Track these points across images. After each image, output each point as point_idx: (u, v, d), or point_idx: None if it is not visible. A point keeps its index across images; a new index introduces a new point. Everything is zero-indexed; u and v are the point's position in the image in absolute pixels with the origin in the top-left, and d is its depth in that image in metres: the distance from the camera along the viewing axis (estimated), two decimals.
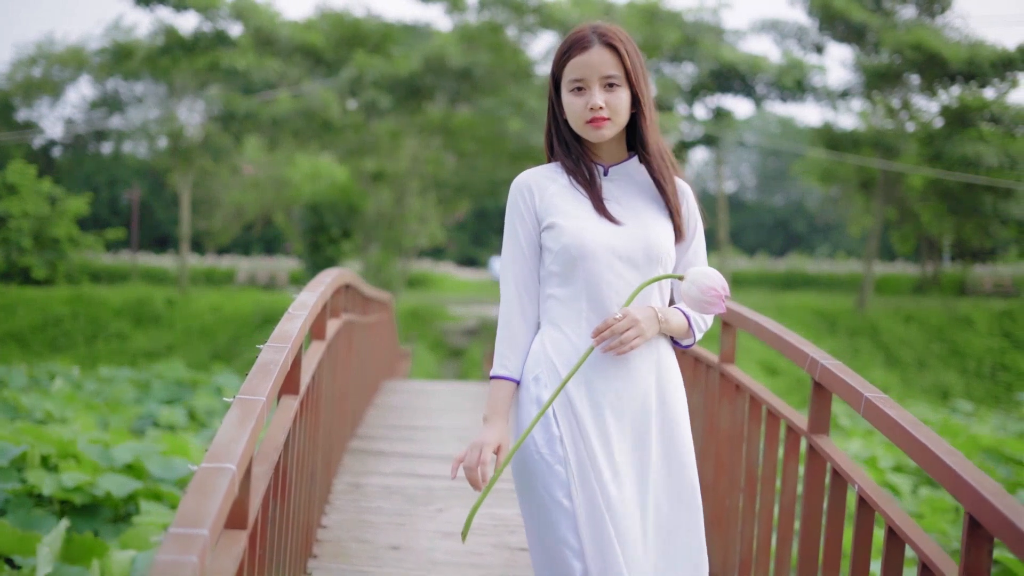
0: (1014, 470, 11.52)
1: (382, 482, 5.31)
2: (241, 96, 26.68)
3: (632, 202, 2.50)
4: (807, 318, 27.61)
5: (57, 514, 7.56)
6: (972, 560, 2.24)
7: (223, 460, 1.93)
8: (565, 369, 2.43)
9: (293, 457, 3.11)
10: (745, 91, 27.37)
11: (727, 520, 3.90)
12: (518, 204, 2.52)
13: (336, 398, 4.99)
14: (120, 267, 34.67)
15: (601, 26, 2.49)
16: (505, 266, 2.53)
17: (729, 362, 3.99)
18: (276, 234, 42.20)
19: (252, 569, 2.35)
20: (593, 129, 2.43)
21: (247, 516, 2.22)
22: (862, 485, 2.80)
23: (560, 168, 2.54)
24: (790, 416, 3.33)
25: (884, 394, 2.73)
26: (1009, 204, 26.37)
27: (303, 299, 3.35)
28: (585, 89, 2.43)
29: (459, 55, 24.31)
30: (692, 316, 2.54)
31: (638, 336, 2.39)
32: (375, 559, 4.06)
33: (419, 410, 8.45)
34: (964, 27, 27.95)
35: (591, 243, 2.43)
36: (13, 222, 29.99)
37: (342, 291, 5.03)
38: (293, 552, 3.40)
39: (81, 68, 33.99)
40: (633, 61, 2.46)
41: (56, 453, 8.21)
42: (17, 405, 12.99)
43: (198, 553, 1.61)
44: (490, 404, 2.47)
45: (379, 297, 9.44)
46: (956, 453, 2.37)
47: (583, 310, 2.45)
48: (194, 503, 1.76)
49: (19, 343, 25.90)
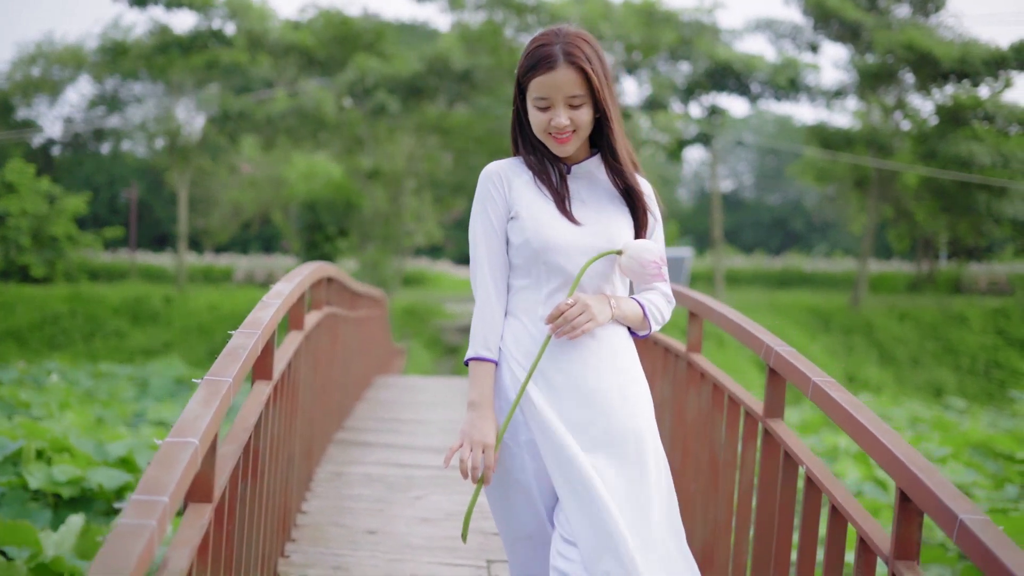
0: (1003, 465, 11.61)
1: (364, 471, 5.43)
2: (236, 96, 26.78)
3: (594, 200, 2.55)
4: (801, 316, 27.71)
5: (51, 507, 7.67)
6: (903, 533, 2.36)
7: (186, 435, 2.04)
8: (525, 358, 2.49)
9: (266, 440, 3.22)
10: (740, 90, 27.47)
11: (692, 504, 4.02)
12: (490, 191, 2.56)
13: (318, 389, 5.10)
14: (118, 265, 34.75)
15: (568, 38, 2.47)
16: (477, 249, 2.56)
17: (696, 351, 4.11)
18: (274, 232, 42.28)
19: (219, 543, 2.47)
20: (557, 144, 2.48)
21: (212, 490, 2.33)
22: (810, 466, 2.92)
23: (520, 161, 2.60)
24: (748, 402, 3.45)
25: (831, 378, 2.85)
26: (1003, 203, 26.45)
27: (278, 289, 3.47)
28: (550, 107, 2.45)
29: (462, 57, 24.40)
30: (647, 305, 2.59)
31: (589, 320, 2.44)
32: (352, 543, 4.18)
33: (408, 404, 8.56)
34: (958, 26, 28.11)
35: (553, 238, 2.48)
36: (12, 220, 30.07)
37: (323, 284, 5.13)
38: (269, 534, 3.51)
39: (80, 67, 34.05)
40: (599, 78, 2.47)
41: (50, 447, 8.32)
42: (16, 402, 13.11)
43: (157, 518, 1.73)
44: (477, 389, 2.50)
45: (370, 293, 9.55)
46: (892, 433, 2.48)
47: (542, 301, 2.52)
48: (156, 473, 1.88)
49: (17, 341, 26.00)
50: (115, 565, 1.56)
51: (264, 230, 42.69)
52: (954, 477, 10.64)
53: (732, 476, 3.62)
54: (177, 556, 2.09)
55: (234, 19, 26.56)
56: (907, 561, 2.34)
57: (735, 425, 3.58)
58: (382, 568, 3.91)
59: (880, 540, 2.48)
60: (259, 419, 3.01)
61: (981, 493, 9.93)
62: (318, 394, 5.10)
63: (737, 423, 3.57)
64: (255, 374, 3.27)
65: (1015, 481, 10.73)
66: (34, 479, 7.49)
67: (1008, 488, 10.26)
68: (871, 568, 2.53)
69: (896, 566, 2.33)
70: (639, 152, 27.52)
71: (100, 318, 27.00)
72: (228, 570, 2.64)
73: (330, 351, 5.62)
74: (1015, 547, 1.99)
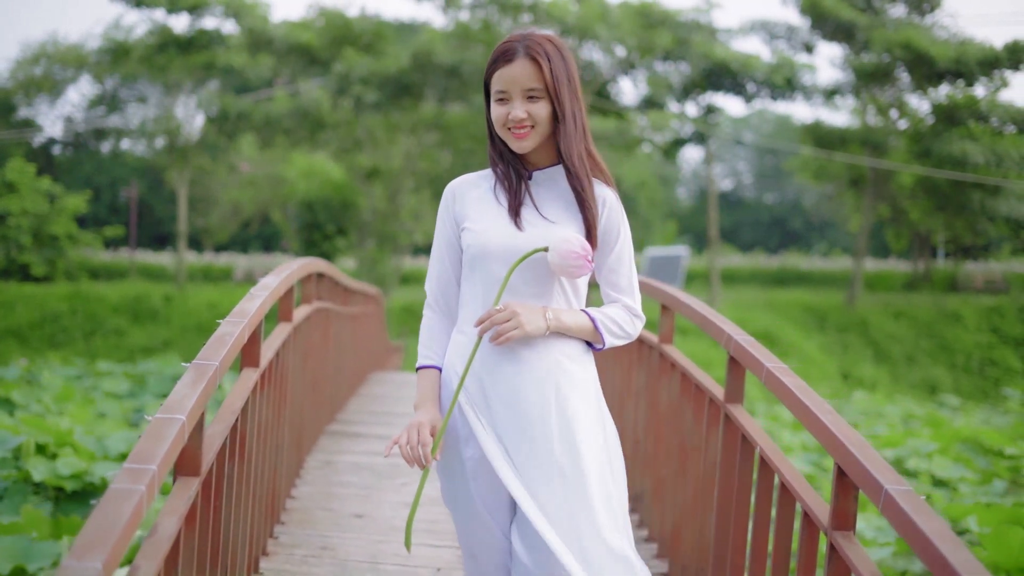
0: (991, 460, 11.76)
1: (353, 460, 5.62)
2: (234, 96, 26.95)
3: (551, 207, 2.53)
4: (797, 314, 27.89)
5: (53, 500, 7.83)
6: (839, 505, 2.54)
7: (174, 412, 2.23)
8: (463, 366, 2.51)
9: (253, 424, 3.41)
10: (735, 89, 27.65)
11: (663, 488, 4.21)
12: (442, 211, 2.63)
13: (309, 380, 5.28)
14: (118, 264, 34.93)
15: (531, 37, 2.50)
16: (430, 266, 2.65)
17: (667, 343, 4.29)
18: (274, 231, 42.46)
19: (207, 515, 2.66)
20: (515, 139, 2.49)
21: (200, 465, 2.52)
22: (763, 447, 3.12)
23: (490, 173, 2.62)
24: (712, 390, 3.64)
25: (784, 365, 3.04)
26: (997, 201, 26.61)
27: (266, 282, 3.65)
28: (507, 100, 2.48)
29: (448, 52, 24.49)
30: (599, 318, 2.56)
31: (516, 328, 2.42)
32: (338, 526, 4.37)
33: (401, 399, 8.72)
34: (953, 26, 28.27)
35: (491, 245, 2.49)
36: (12, 220, 30.24)
37: (313, 279, 5.30)
38: (258, 514, 3.70)
39: (81, 67, 34.20)
40: (556, 73, 2.48)
41: (53, 442, 8.49)
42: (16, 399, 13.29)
43: (146, 484, 1.91)
44: (419, 392, 2.56)
45: (364, 290, 9.71)
46: (832, 413, 2.67)
47: (480, 310, 2.53)
48: (145, 445, 2.06)
49: (18, 339, 26.20)
50: (107, 524, 1.75)
51: (264, 229, 42.88)
52: (942, 472, 10.82)
53: (699, 460, 3.80)
54: (166, 523, 2.28)
55: (235, 19, 26.73)
56: (844, 531, 2.53)
57: (701, 411, 3.77)
58: (367, 549, 4.10)
59: (821, 513, 2.67)
60: (246, 403, 3.20)
61: (968, 488, 10.09)
62: (308, 385, 5.28)
63: (703, 409, 3.75)
64: (243, 361, 3.45)
65: (1003, 476, 10.91)
66: (37, 472, 7.63)
67: (996, 483, 10.44)
68: (814, 539, 2.72)
69: (834, 536, 2.52)
70: (634, 151, 27.69)
71: (100, 316, 27.20)
72: (216, 542, 2.83)
73: (321, 344, 5.80)
74: (934, 515, 2.17)
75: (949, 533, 2.08)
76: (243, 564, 3.40)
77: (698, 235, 50.31)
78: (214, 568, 2.84)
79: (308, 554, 4.00)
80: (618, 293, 2.61)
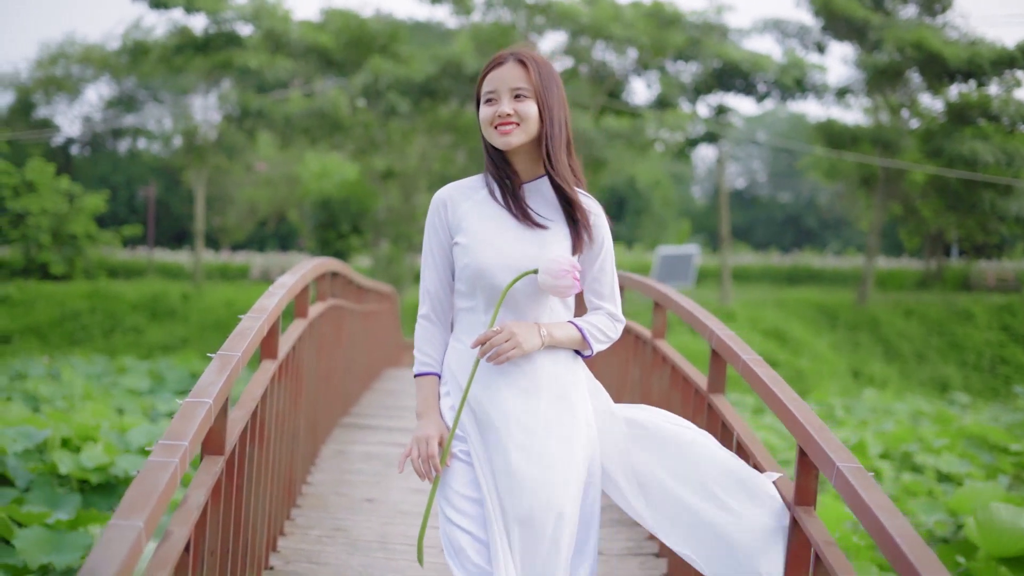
0: (997, 457, 11.95)
1: (365, 449, 5.91)
2: (254, 94, 27.22)
3: (542, 217, 2.61)
4: (808, 312, 28.03)
5: (79, 492, 8.09)
6: (801, 483, 2.81)
7: (202, 396, 2.52)
8: (464, 378, 2.61)
9: (272, 412, 3.70)
10: (747, 89, 27.79)
11: None
12: (433, 219, 2.67)
13: (323, 374, 5.57)
14: (137, 263, 35.28)
15: (521, 49, 2.63)
16: (422, 277, 2.71)
17: (660, 337, 4.56)
18: (290, 230, 42.80)
19: (230, 490, 2.95)
20: (500, 135, 2.55)
21: (224, 445, 2.81)
22: (739, 432, 3.38)
23: (481, 182, 2.68)
24: (698, 381, 3.91)
25: (759, 357, 3.31)
26: (1007, 201, 26.64)
27: (283, 280, 3.94)
28: (496, 101, 2.56)
29: (475, 60, 24.77)
30: (586, 327, 2.67)
31: (514, 348, 2.51)
32: (351, 509, 4.66)
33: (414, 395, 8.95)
34: (964, 26, 28.37)
35: (489, 262, 2.56)
36: (32, 219, 30.58)
37: (327, 278, 5.59)
38: (275, 497, 3.99)
39: (102, 68, 34.49)
40: (543, 77, 2.58)
41: (76, 436, 8.77)
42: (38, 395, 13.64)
43: (179, 457, 2.20)
44: (420, 401, 2.66)
45: (378, 288, 9.98)
46: (796, 400, 2.94)
47: (483, 323, 2.61)
48: (178, 424, 2.35)
49: (39, 337, 26.56)
50: (147, 490, 2.03)
51: (280, 228, 43.25)
52: (948, 467, 11.04)
53: None
54: (196, 494, 2.57)
55: (251, 21, 27.00)
56: (805, 507, 2.80)
57: (689, 401, 4.04)
58: (377, 530, 4.39)
59: (788, 491, 2.93)
60: (265, 392, 3.48)
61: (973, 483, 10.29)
62: (323, 378, 5.57)
63: (690, 399, 4.02)
64: (262, 353, 3.74)
65: (1007, 471, 11.12)
66: (63, 465, 7.88)
67: (1000, 479, 10.65)
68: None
69: (796, 511, 2.78)
70: (647, 152, 27.89)
71: (119, 314, 27.53)
72: (238, 516, 3.12)
73: (335, 340, 6.09)
74: (879, 490, 2.44)
75: (889, 505, 2.35)
76: (263, 540, 3.69)
77: (712, 234, 50.43)
78: (236, 540, 3.13)
79: (322, 534, 4.29)
80: (600, 300, 2.73)
